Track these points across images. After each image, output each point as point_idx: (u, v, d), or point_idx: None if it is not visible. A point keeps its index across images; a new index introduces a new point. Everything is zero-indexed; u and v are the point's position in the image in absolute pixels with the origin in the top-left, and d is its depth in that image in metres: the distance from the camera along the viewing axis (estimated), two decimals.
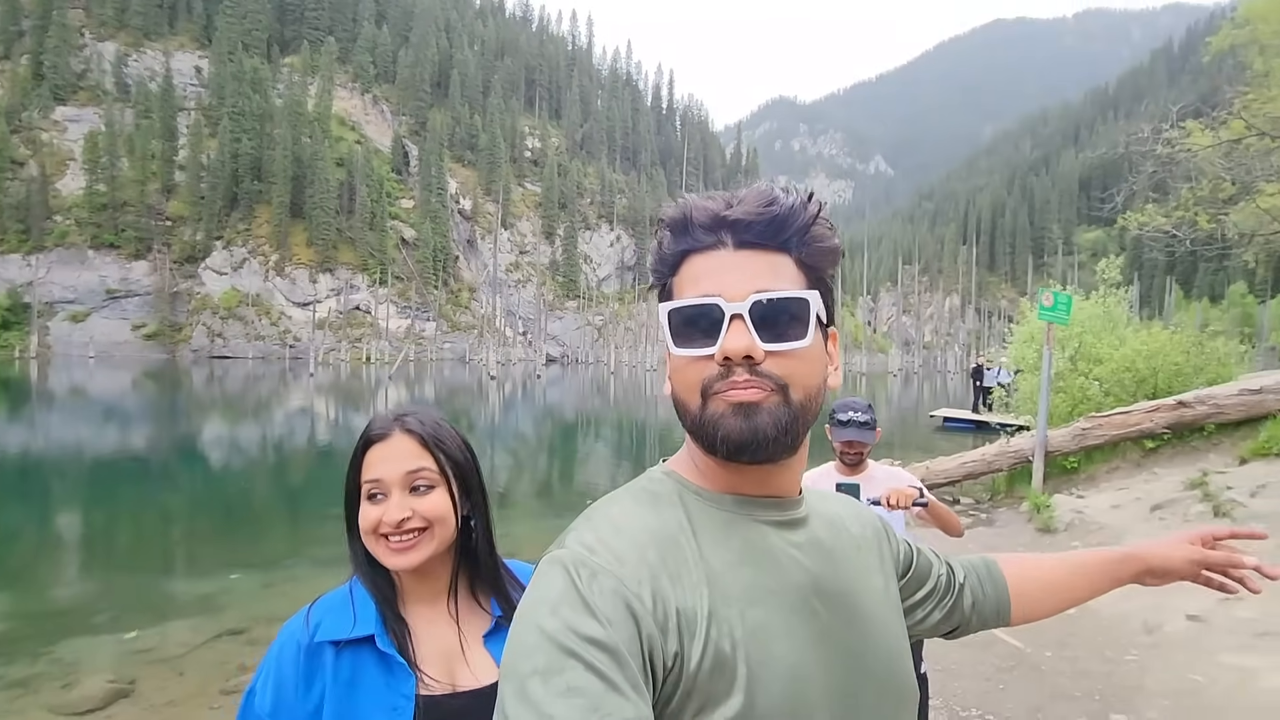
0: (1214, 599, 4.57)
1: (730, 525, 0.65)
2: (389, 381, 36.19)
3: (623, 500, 0.66)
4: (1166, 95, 61.77)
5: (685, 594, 0.58)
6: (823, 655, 0.63)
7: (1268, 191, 14.92)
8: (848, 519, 0.77)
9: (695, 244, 0.67)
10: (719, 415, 0.62)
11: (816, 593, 0.65)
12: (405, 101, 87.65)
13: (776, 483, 0.68)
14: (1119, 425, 8.55)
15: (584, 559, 0.58)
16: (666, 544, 0.61)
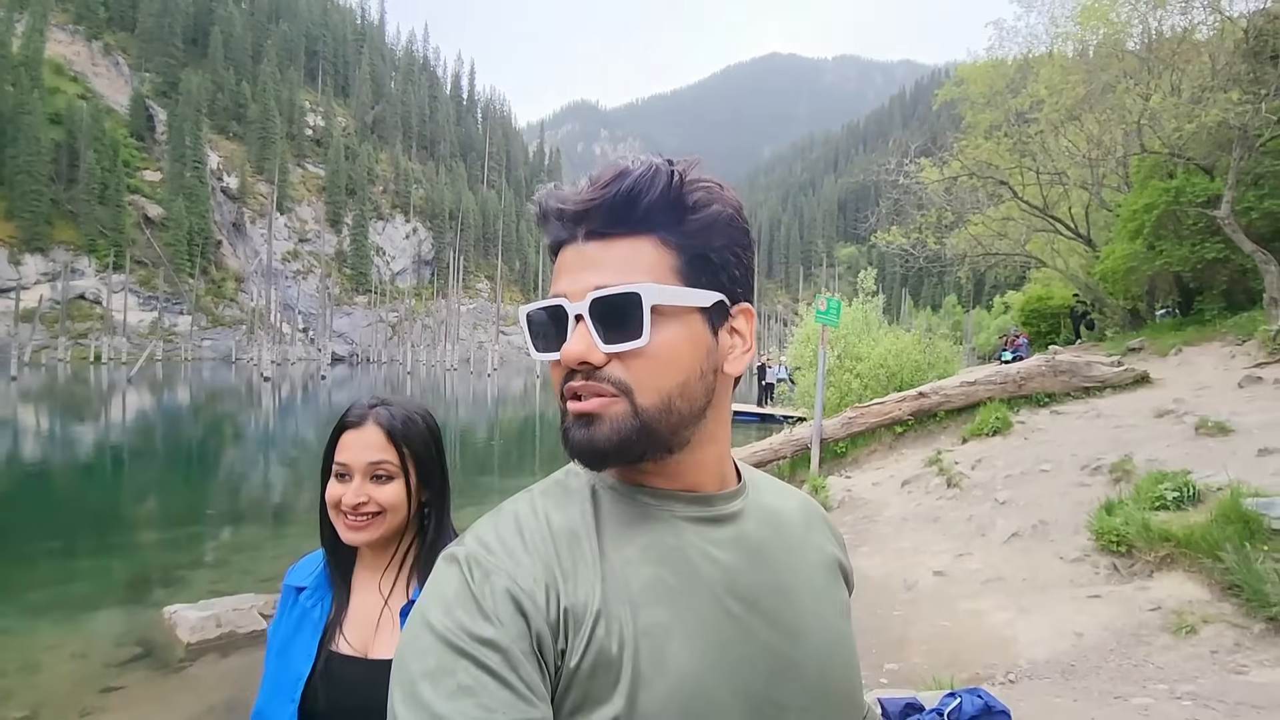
0: (952, 556, 5.49)
1: (640, 521, 0.61)
2: (128, 385, 30.33)
3: (532, 495, 0.64)
4: (903, 135, 73.74)
5: (577, 591, 0.56)
6: (736, 660, 0.59)
7: (974, 222, 18.41)
8: (794, 517, 0.73)
9: (556, 238, 0.63)
10: (568, 424, 0.60)
11: (734, 593, 0.61)
12: (149, 56, 74.19)
13: (690, 477, 0.64)
14: (877, 414, 9.94)
15: (479, 557, 0.56)
16: (566, 540, 0.59)
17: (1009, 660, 3.77)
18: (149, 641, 4.96)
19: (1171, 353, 10.32)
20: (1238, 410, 6.55)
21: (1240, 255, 10.12)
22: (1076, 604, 4.23)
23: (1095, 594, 4.28)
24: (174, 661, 4.70)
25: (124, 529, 8.43)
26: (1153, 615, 3.87)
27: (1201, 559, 4.01)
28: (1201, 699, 3.06)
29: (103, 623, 5.41)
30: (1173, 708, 3.01)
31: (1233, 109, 9.39)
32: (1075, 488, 5.95)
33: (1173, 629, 3.70)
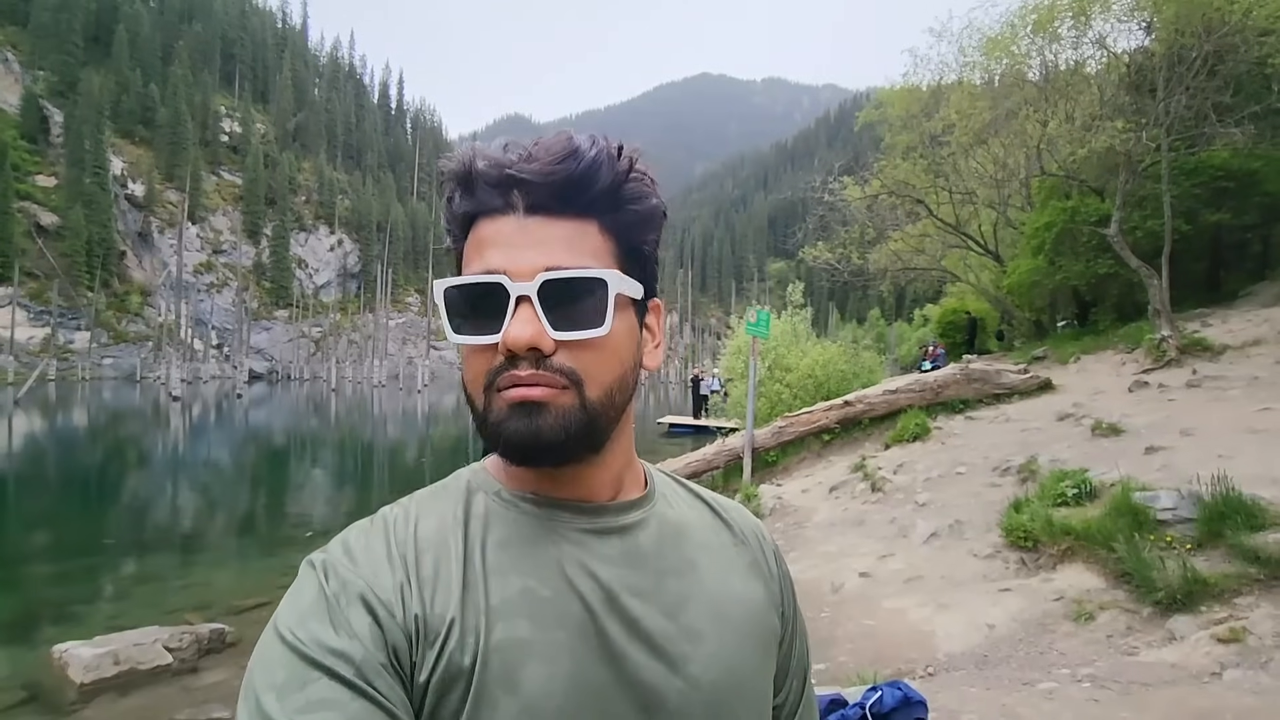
0: (876, 558, 5.69)
1: (517, 529, 0.58)
2: (15, 407, 27.86)
3: (410, 500, 0.61)
4: (828, 155, 77.03)
5: (436, 601, 0.53)
6: (603, 688, 0.53)
7: (895, 238, 19.33)
8: (704, 535, 0.66)
9: (481, 205, 0.56)
10: (501, 414, 0.54)
11: (610, 612, 0.55)
12: (44, 53, 69.05)
13: (585, 485, 0.59)
14: (805, 423, 10.23)
15: (337, 565, 0.54)
16: (433, 546, 0.56)
17: (928, 654, 3.93)
18: (36, 684, 4.54)
19: (1071, 361, 11.10)
20: (1128, 413, 7.10)
21: (1128, 270, 11.02)
22: (989, 598, 4.45)
23: (1006, 587, 4.52)
24: (64, 705, 4.31)
25: (9, 562, 7.70)
26: (1056, 605, 4.13)
27: (1098, 550, 4.31)
28: (1099, 680, 3.27)
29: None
30: (1074, 690, 3.21)
31: (1118, 136, 10.26)
32: (988, 488, 6.29)
33: (1073, 617, 3.96)
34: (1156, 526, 4.20)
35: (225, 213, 77.52)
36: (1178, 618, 3.61)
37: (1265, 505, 3.96)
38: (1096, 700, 3.06)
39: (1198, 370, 8.31)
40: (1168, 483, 4.64)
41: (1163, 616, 3.69)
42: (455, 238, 0.59)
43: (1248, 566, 3.65)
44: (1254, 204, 11.50)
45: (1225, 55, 9.95)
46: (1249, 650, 3.21)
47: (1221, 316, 10.75)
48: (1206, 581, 3.66)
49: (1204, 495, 4.13)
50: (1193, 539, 4.01)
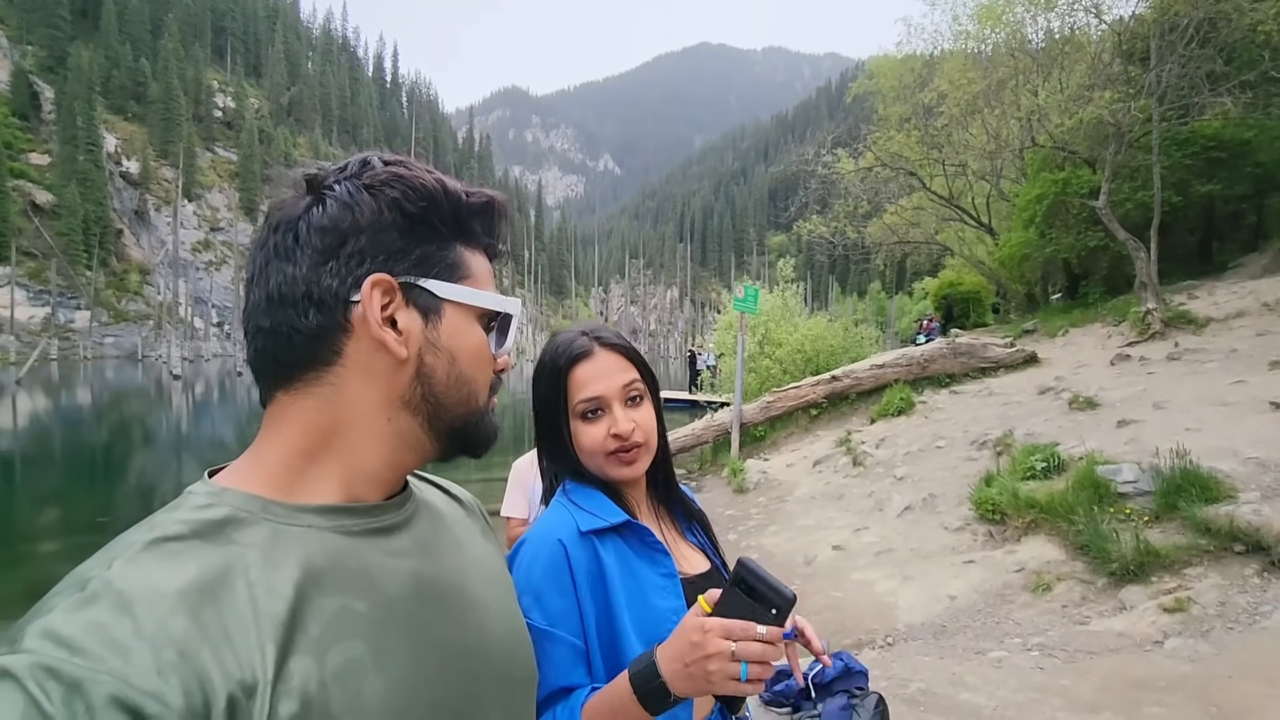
0: (850, 531, 5.80)
1: (314, 546, 0.53)
2: (17, 387, 28.04)
3: (137, 549, 0.48)
4: (828, 126, 76.02)
5: (239, 660, 0.46)
6: (433, 669, 0.56)
7: (890, 211, 19.21)
8: (446, 509, 0.71)
9: (493, 245, 0.66)
10: (489, 413, 0.64)
11: (423, 601, 0.58)
12: (31, 27, 67.98)
13: (358, 483, 0.59)
14: (793, 398, 10.30)
15: (54, 666, 0.41)
16: (211, 598, 0.47)
17: (888, 625, 4.05)
18: None
19: (1060, 334, 11.12)
20: (1106, 386, 7.15)
21: (1117, 243, 10.98)
22: (954, 569, 4.56)
23: (970, 560, 4.63)
24: None
25: (13, 541, 7.86)
26: (1017, 576, 4.23)
27: (1059, 523, 4.40)
28: (1047, 649, 3.38)
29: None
30: (1022, 658, 3.32)
31: (1109, 107, 10.14)
32: (964, 462, 6.38)
33: (1032, 588, 4.06)
34: (1117, 499, 4.28)
35: (221, 190, 77.05)
36: (1129, 588, 3.71)
37: (1221, 479, 4.04)
38: (1041, 668, 3.17)
39: (1180, 343, 8.35)
40: (1133, 456, 4.72)
41: (1116, 587, 3.79)
42: (459, 234, 0.62)
43: (1199, 538, 3.73)
44: (1246, 174, 11.40)
45: (1218, 22, 9.79)
46: (1192, 619, 3.31)
47: (1209, 289, 10.74)
48: (1158, 553, 3.75)
49: (1163, 469, 4.20)
50: (1150, 511, 4.10)
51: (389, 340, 0.56)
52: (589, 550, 0.99)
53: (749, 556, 0.78)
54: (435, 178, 0.60)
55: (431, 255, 0.59)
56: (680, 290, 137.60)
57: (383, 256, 0.57)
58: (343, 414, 0.57)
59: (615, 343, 1.08)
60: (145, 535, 0.49)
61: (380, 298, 0.56)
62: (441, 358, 0.59)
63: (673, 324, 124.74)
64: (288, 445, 0.57)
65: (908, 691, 3.02)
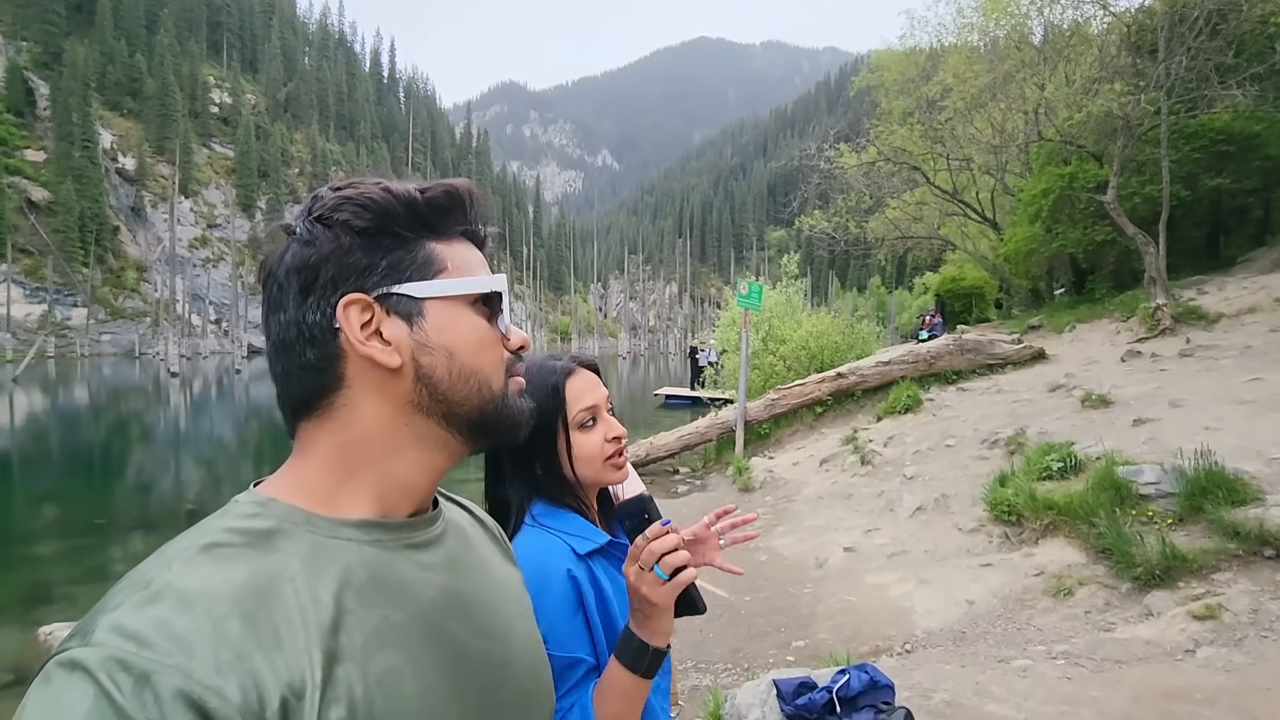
0: (861, 532, 5.70)
1: (354, 559, 0.55)
2: (14, 385, 27.88)
3: (192, 552, 0.50)
4: (827, 121, 75.87)
5: (289, 664, 0.47)
6: (461, 680, 0.59)
7: (892, 206, 19.09)
8: (470, 529, 0.73)
9: (470, 229, 0.66)
10: (516, 394, 0.64)
11: (452, 614, 0.60)
12: (26, 23, 67.50)
13: (432, 492, 0.65)
14: (798, 395, 10.20)
15: (124, 658, 0.42)
16: (262, 602, 0.49)
17: (906, 631, 3.94)
18: (21, 667, 4.56)
19: (1066, 330, 11.01)
20: (1118, 383, 7.05)
21: (1125, 238, 10.87)
22: (970, 573, 4.46)
23: (987, 562, 4.52)
24: None
25: (10, 542, 7.74)
26: (1036, 580, 4.13)
27: (1079, 525, 4.29)
28: (1073, 657, 3.28)
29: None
30: (1048, 667, 3.21)
31: (1116, 100, 10.01)
32: (975, 461, 6.27)
33: (1053, 592, 3.96)
34: (1139, 501, 4.18)
35: (218, 186, 76.68)
36: (1155, 594, 3.60)
37: (1248, 480, 3.93)
38: (1069, 678, 3.07)
39: (1191, 339, 8.24)
40: (1153, 456, 4.61)
41: (1141, 592, 3.68)
42: (426, 231, 0.62)
43: (1227, 542, 3.63)
44: (1255, 168, 11.28)
45: (1228, 14, 9.64)
46: (1224, 627, 3.20)
47: (1218, 284, 10.63)
48: (1185, 557, 3.64)
49: (1187, 470, 4.10)
50: (1174, 514, 3.99)
51: (375, 353, 0.58)
52: (588, 572, 1.04)
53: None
54: (382, 188, 0.60)
55: (400, 260, 0.60)
56: (679, 286, 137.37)
57: (353, 278, 0.59)
58: (362, 430, 0.59)
59: (587, 362, 1.18)
60: (199, 540, 0.52)
61: (359, 316, 0.58)
62: (438, 356, 0.60)
63: (672, 320, 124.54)
64: (322, 463, 0.59)
65: (932, 703, 2.92)
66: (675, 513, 7.13)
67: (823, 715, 2.54)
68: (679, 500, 8.17)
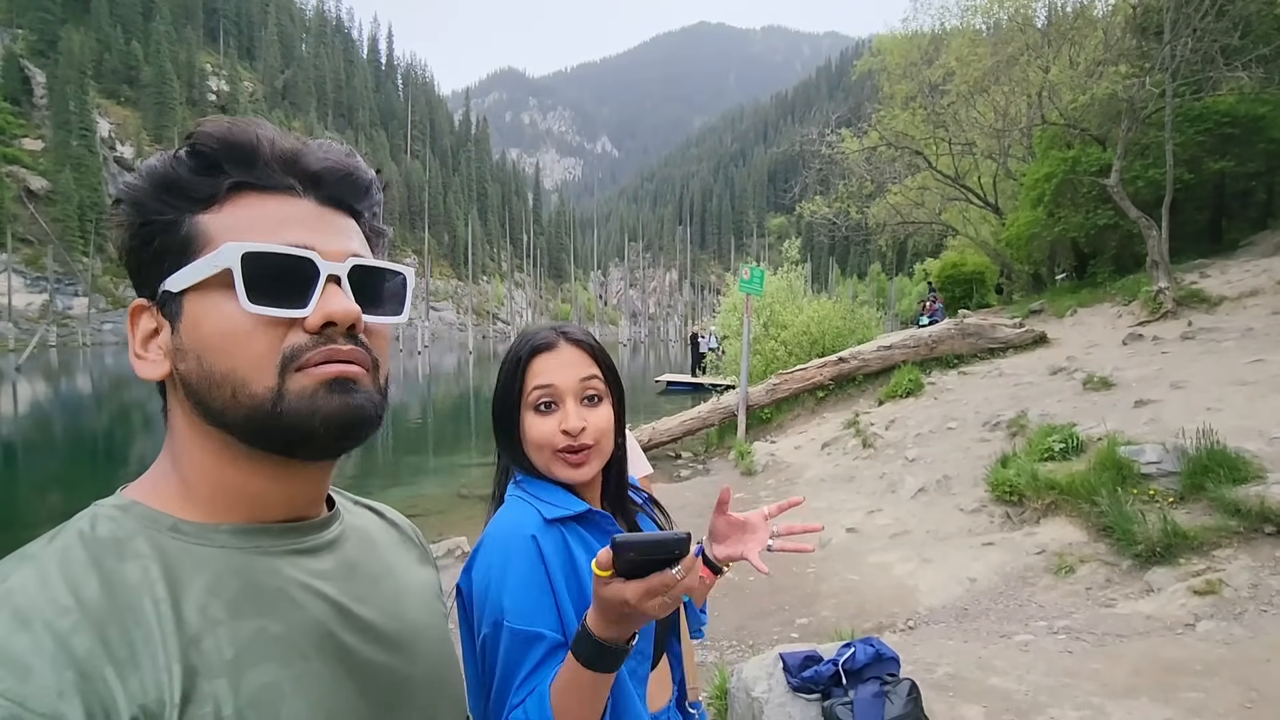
0: (864, 513, 5.75)
1: (225, 566, 0.50)
2: (17, 374, 27.95)
3: (36, 563, 0.45)
4: (828, 106, 75.49)
5: (144, 682, 0.43)
6: (354, 697, 0.53)
7: (894, 191, 19.01)
8: (380, 535, 0.68)
9: (261, 180, 0.53)
10: (310, 393, 0.51)
11: (346, 625, 0.55)
12: (21, 10, 67.00)
13: (306, 498, 0.57)
14: (799, 380, 10.23)
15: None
16: (115, 615, 0.44)
17: (909, 608, 3.99)
18: None
19: (1068, 314, 11.01)
20: (1120, 366, 7.07)
21: (1128, 222, 10.84)
22: (972, 552, 4.51)
23: (989, 541, 4.57)
24: None
25: (15, 529, 7.81)
26: (1038, 558, 4.17)
27: (1081, 504, 4.33)
28: (1074, 632, 3.32)
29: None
30: (1049, 642, 3.26)
31: (1121, 82, 9.95)
32: (977, 443, 6.31)
33: (1054, 570, 4.00)
34: (1140, 480, 4.21)
35: None
36: (1156, 570, 3.64)
37: (1249, 458, 3.96)
38: (1070, 652, 3.11)
39: (1193, 322, 8.25)
40: (1155, 436, 4.64)
41: (1142, 569, 3.72)
42: (187, 203, 0.52)
43: (1228, 519, 3.67)
44: (1259, 151, 11.23)
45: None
46: (1224, 602, 3.25)
47: (1221, 267, 10.62)
48: (1186, 534, 3.68)
49: (1188, 449, 4.13)
50: (1175, 492, 4.03)
51: (137, 366, 0.54)
52: (558, 538, 0.97)
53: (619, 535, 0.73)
54: (141, 170, 0.53)
55: (164, 249, 0.52)
56: (679, 273, 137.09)
57: (143, 279, 0.54)
58: (178, 436, 0.55)
59: (580, 339, 1.04)
60: (47, 547, 0.47)
61: (147, 322, 0.54)
62: (189, 360, 0.51)
63: (672, 307, 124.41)
64: (164, 466, 0.55)
65: (935, 676, 2.96)
66: (679, 496, 7.18)
67: (829, 688, 2.59)
68: (682, 484, 8.22)
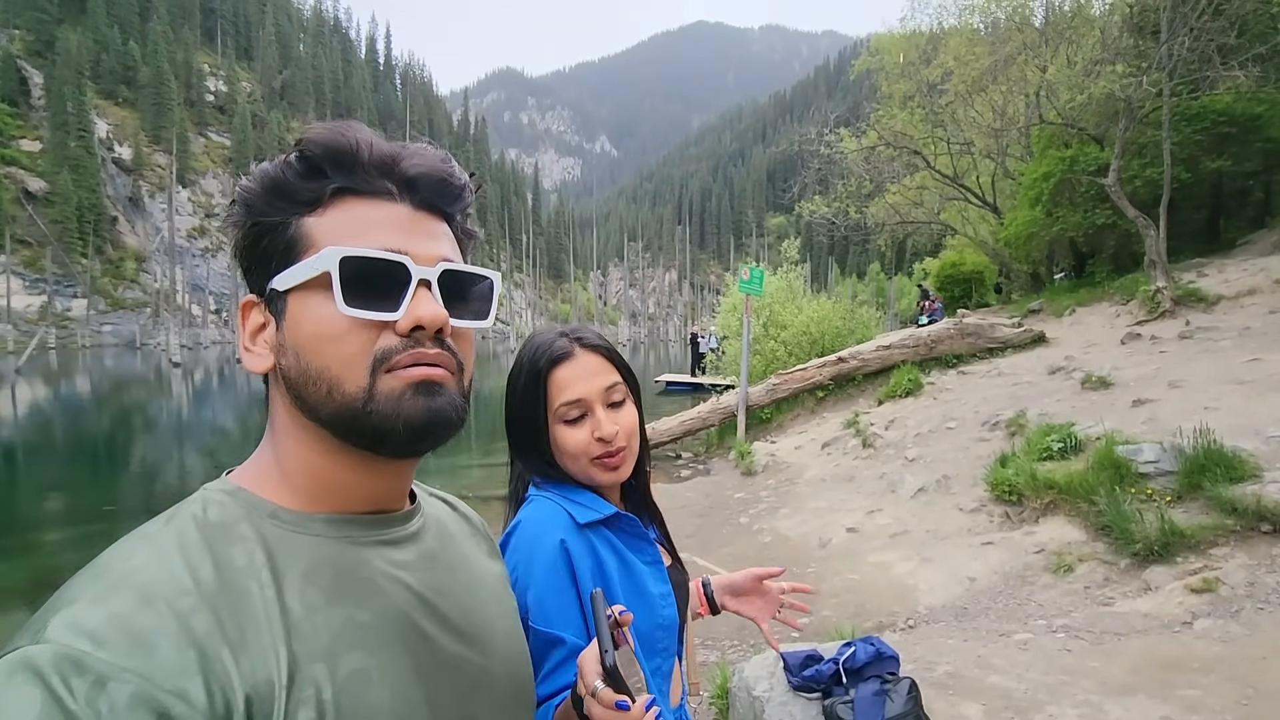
0: (864, 513, 5.77)
1: (320, 554, 0.53)
2: (17, 376, 27.94)
3: (156, 544, 0.48)
4: (827, 105, 75.60)
5: (255, 663, 0.45)
6: (434, 682, 0.55)
7: (892, 191, 19.03)
8: (454, 526, 0.69)
9: (360, 185, 0.55)
10: (397, 394, 0.52)
11: (427, 615, 0.57)
12: (17, 10, 66.90)
13: (391, 491, 0.59)
14: (799, 380, 10.25)
15: (79, 659, 0.39)
16: (227, 598, 0.46)
17: (909, 607, 4.02)
18: None
19: (1066, 313, 11.04)
20: (1118, 365, 7.10)
21: (1126, 221, 10.86)
22: (972, 551, 4.53)
23: (989, 541, 4.59)
24: None
25: (18, 530, 7.83)
26: (1037, 557, 4.20)
27: (1079, 503, 4.36)
28: (1073, 630, 3.35)
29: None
30: (1048, 640, 3.29)
31: (1118, 81, 9.98)
32: (976, 443, 6.34)
33: (1053, 569, 4.03)
34: (1138, 480, 4.24)
35: (215, 175, 76.35)
36: (1154, 569, 3.67)
37: (1246, 457, 3.99)
38: (1069, 650, 3.14)
39: (1191, 321, 8.28)
40: (1152, 436, 4.66)
41: (1140, 568, 3.75)
42: (288, 207, 0.55)
43: (1224, 518, 3.69)
44: (1256, 150, 11.25)
45: None
46: (1220, 600, 3.28)
47: (1218, 266, 10.65)
48: (1183, 533, 3.71)
49: (1185, 448, 4.15)
50: (1173, 491, 4.06)
51: (245, 359, 0.56)
52: (587, 544, 0.98)
53: None
54: (254, 174, 0.55)
55: (272, 249, 0.55)
56: (679, 273, 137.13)
57: (254, 277, 0.56)
58: (279, 427, 0.57)
59: (596, 344, 1.04)
60: (164, 528, 0.50)
61: (256, 318, 0.56)
62: (289, 356, 0.54)
63: (671, 307, 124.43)
64: (266, 455, 0.58)
65: (935, 675, 2.99)
66: (679, 497, 7.21)
67: (829, 686, 2.61)
68: (682, 484, 8.24)
